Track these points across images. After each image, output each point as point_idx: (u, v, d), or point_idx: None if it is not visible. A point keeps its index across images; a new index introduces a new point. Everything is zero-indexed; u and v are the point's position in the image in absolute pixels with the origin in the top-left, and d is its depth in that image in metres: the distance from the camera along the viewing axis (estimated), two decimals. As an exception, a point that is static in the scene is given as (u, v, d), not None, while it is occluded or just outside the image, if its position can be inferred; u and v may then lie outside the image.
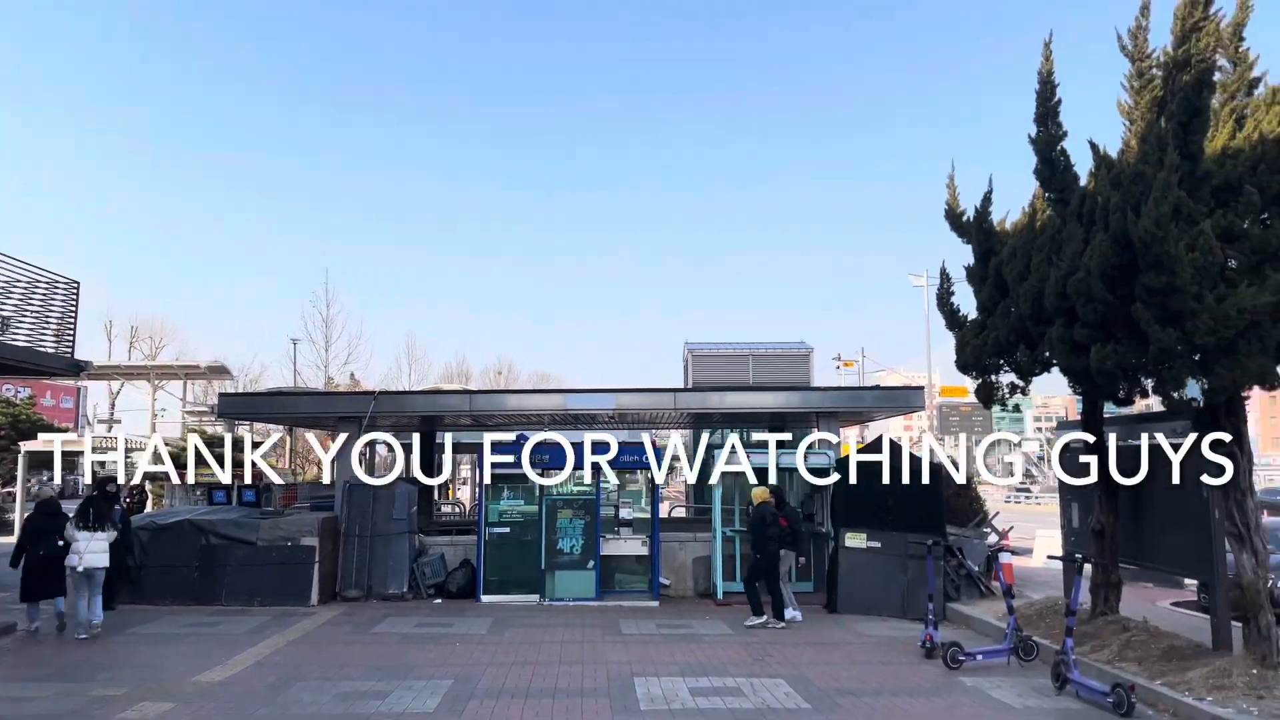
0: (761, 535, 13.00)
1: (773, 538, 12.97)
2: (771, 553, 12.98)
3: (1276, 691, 8.06)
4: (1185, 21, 9.08)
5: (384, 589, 14.96)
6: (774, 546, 12.99)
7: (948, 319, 12.61)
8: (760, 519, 13.07)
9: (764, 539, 12.98)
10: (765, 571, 12.99)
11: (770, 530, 12.98)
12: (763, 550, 12.99)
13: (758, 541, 13.06)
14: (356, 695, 8.88)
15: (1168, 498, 10.30)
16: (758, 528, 13.06)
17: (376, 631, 12.35)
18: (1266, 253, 8.45)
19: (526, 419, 18.25)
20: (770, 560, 12.99)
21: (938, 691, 9.14)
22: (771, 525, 13.01)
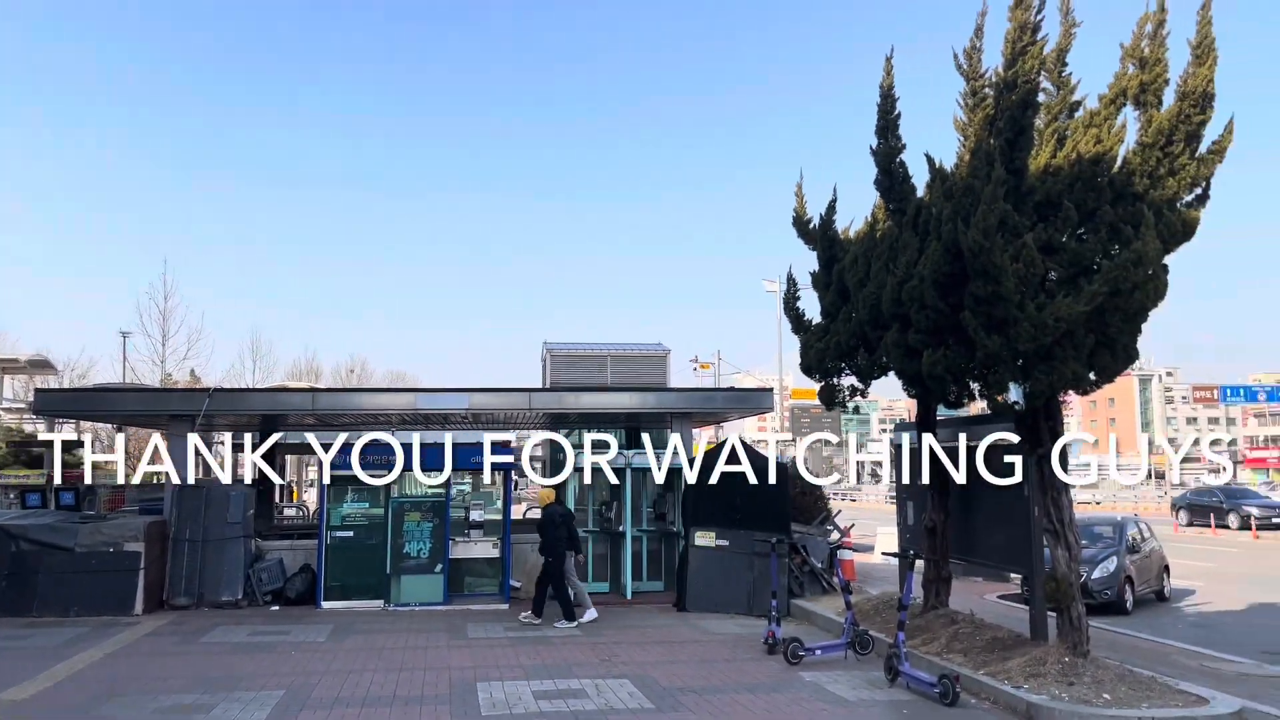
0: (552, 537, 12.91)
1: (561, 539, 12.91)
2: (561, 553, 12.92)
3: (1085, 678, 8.58)
4: (1015, 45, 9.56)
5: (216, 596, 14.20)
6: (563, 548, 12.93)
7: (794, 323, 12.95)
8: (550, 520, 13.00)
9: (554, 540, 12.90)
10: (554, 573, 12.91)
11: (560, 531, 12.92)
12: (553, 552, 12.90)
13: (548, 544, 12.94)
14: (178, 709, 8.37)
15: (993, 497, 10.85)
16: (548, 530, 12.96)
17: (206, 641, 11.71)
18: (1081, 265, 9.00)
19: (374, 419, 17.67)
20: (560, 562, 12.94)
21: (777, 687, 9.33)
22: (560, 526, 12.97)
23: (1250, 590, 18.52)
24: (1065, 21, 9.93)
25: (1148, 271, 8.53)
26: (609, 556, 16.03)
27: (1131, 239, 8.55)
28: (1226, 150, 9.11)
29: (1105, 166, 9.23)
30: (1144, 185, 9.06)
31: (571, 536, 13.28)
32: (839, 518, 19.15)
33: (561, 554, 12.96)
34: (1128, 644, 12.03)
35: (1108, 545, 16.08)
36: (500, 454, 14.73)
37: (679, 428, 16.71)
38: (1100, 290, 8.40)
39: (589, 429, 23.59)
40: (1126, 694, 8.21)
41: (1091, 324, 8.71)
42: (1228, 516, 36.26)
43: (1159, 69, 9.28)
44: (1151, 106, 9.30)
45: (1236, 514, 36.18)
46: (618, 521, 15.52)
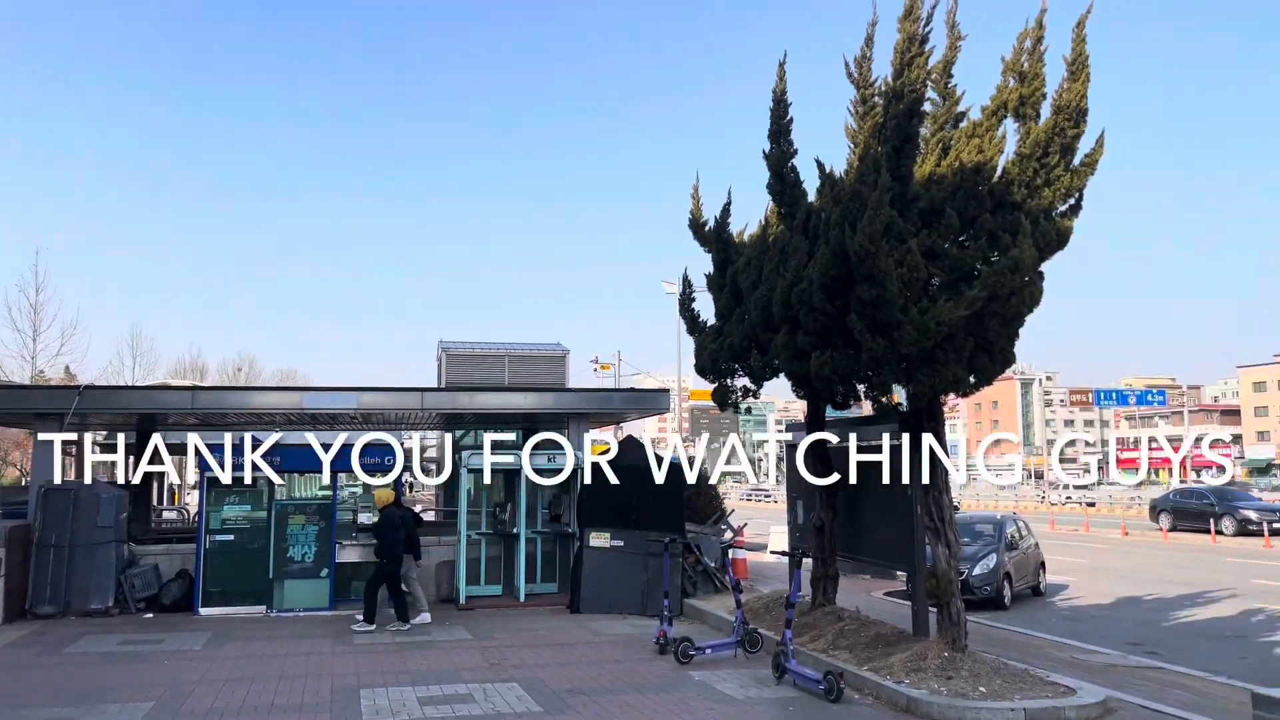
0: (390, 539, 12.65)
1: (399, 541, 12.68)
2: (398, 556, 12.69)
3: (963, 672, 8.84)
4: (903, 55, 9.80)
5: (85, 604, 13.49)
6: (400, 550, 12.71)
7: (689, 324, 13.01)
8: (389, 523, 12.73)
9: (392, 543, 12.65)
10: (390, 576, 12.66)
11: (398, 534, 12.68)
12: (389, 554, 12.64)
13: (384, 546, 12.67)
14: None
15: (878, 496, 11.12)
16: (385, 532, 12.69)
17: (71, 651, 11.10)
18: (962, 271, 9.27)
19: (258, 418, 17.07)
20: (397, 565, 12.71)
21: (667, 687, 9.34)
22: (400, 529, 12.73)
23: (1118, 584, 19.46)
24: (951, 35, 10.23)
25: (1024, 278, 8.85)
26: (502, 559, 15.82)
27: (1009, 246, 8.84)
28: (1098, 163, 9.52)
29: (986, 176, 9.54)
30: (1022, 195, 9.39)
31: (411, 540, 13.00)
32: (732, 517, 19.35)
33: (399, 557, 12.68)
34: (1004, 638, 12.47)
35: (987, 543, 16.64)
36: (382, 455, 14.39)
37: (577, 428, 16.64)
38: (980, 295, 8.68)
39: (486, 429, 23.33)
40: (1001, 686, 8.48)
41: (971, 328, 8.99)
42: (1221, 521, 32.47)
43: (1037, 83, 9.64)
44: (1030, 119, 9.66)
45: (1232, 518, 32.43)
46: (511, 523, 15.34)
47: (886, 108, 9.94)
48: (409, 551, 13.06)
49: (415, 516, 13.90)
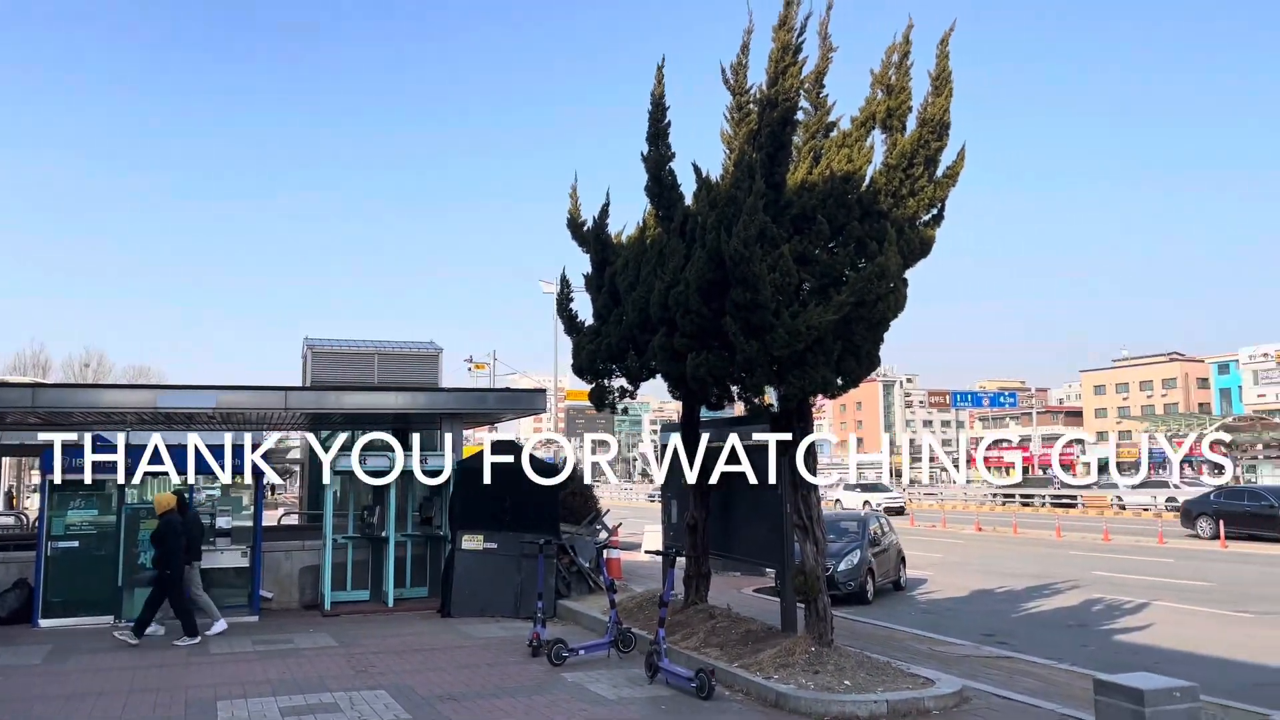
0: (171, 548, 11.79)
1: (180, 549, 11.86)
2: (179, 565, 11.88)
3: (829, 666, 9.09)
4: (778, 64, 10.00)
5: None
6: (180, 559, 11.88)
7: (566, 324, 12.97)
8: (170, 529, 11.83)
9: (173, 550, 11.79)
10: (172, 587, 11.83)
11: (180, 541, 11.87)
12: (170, 564, 11.79)
13: (165, 555, 11.79)
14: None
15: (749, 494, 11.32)
16: (167, 539, 11.80)
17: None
18: (832, 277, 9.54)
19: (108, 417, 16.09)
20: (180, 574, 11.93)
21: (540, 689, 9.27)
22: (181, 535, 11.90)
23: (972, 578, 20.43)
24: (823, 46, 10.52)
25: (890, 285, 9.17)
26: (370, 563, 15.40)
27: (876, 254, 9.15)
28: (959, 174, 9.95)
29: (855, 185, 9.84)
30: (888, 204, 9.73)
31: (192, 546, 12.23)
32: (607, 517, 19.39)
33: (180, 565, 11.88)
34: (868, 632, 12.90)
35: (852, 539, 17.19)
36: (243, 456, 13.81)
37: (450, 429, 16.34)
38: (848, 301, 8.95)
39: (355, 430, 22.66)
40: (865, 679, 8.76)
41: (840, 332, 9.25)
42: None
43: (903, 96, 10.01)
44: (896, 131, 10.02)
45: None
46: (381, 526, 14.94)
47: (761, 115, 10.13)
48: (192, 559, 12.24)
49: (199, 522, 12.94)
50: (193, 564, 12.29)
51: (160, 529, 11.88)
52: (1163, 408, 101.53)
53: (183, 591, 11.96)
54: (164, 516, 11.94)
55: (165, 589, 11.81)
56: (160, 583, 11.86)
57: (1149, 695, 6.94)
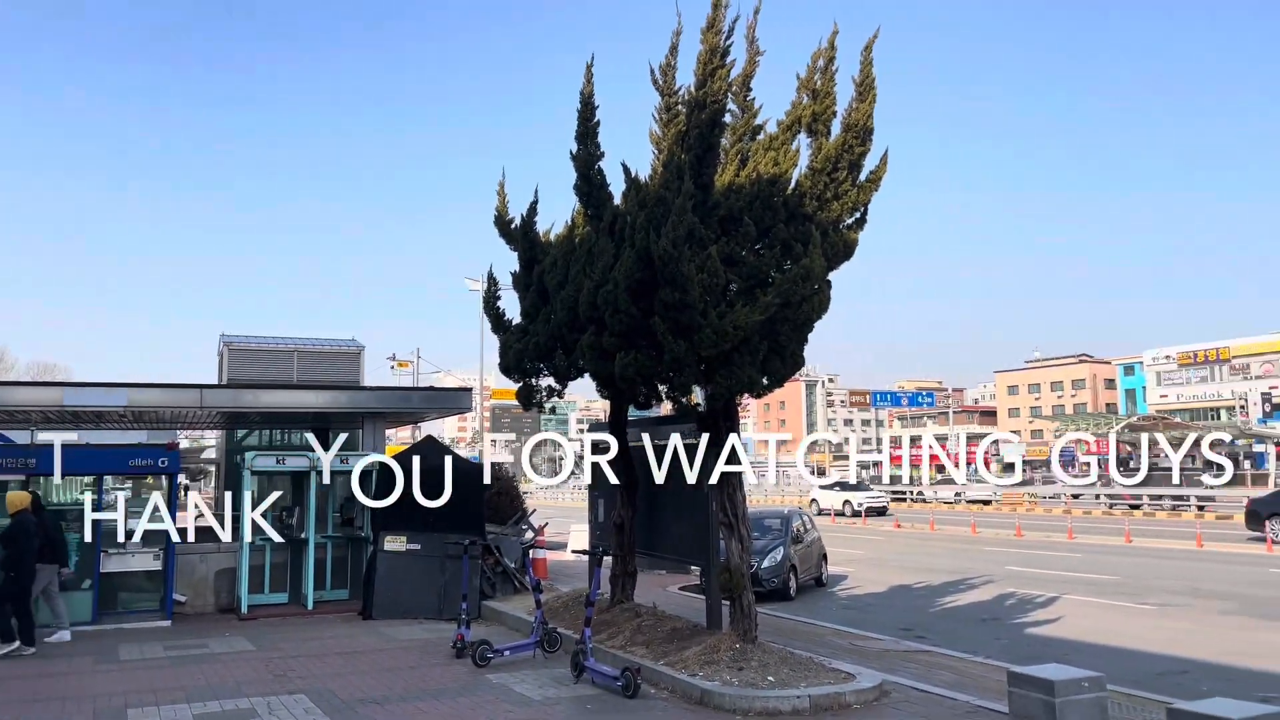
0: (23, 549, 11.17)
1: (33, 551, 11.29)
2: (31, 569, 11.31)
3: (753, 662, 9.19)
4: (706, 66, 10.08)
5: None
6: (32, 561, 11.31)
7: (494, 323, 12.86)
8: (22, 529, 11.20)
9: (24, 553, 11.18)
10: (21, 591, 11.21)
11: (33, 543, 11.29)
12: (19, 567, 11.13)
13: (14, 557, 11.14)
14: None
15: (676, 493, 11.37)
16: (20, 540, 11.17)
17: None
18: (759, 278, 9.66)
19: (10, 416, 15.44)
20: (30, 578, 11.35)
21: (463, 691, 9.19)
22: (34, 537, 11.32)
23: (891, 574, 20.88)
24: (751, 49, 10.65)
25: (814, 286, 9.32)
26: (289, 564, 15.05)
27: (801, 256, 9.29)
28: (882, 179, 10.18)
29: (781, 188, 9.98)
30: (813, 207, 9.90)
31: (54, 547, 11.70)
32: (533, 517, 19.30)
33: (31, 571, 11.30)
34: (791, 628, 13.10)
35: (775, 536, 17.42)
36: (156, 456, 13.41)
37: (373, 428, 16.08)
38: (774, 301, 9.06)
39: (273, 429, 22.14)
40: (788, 675, 8.89)
41: (765, 332, 9.37)
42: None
43: (828, 101, 10.19)
44: (821, 135, 10.20)
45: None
46: (300, 528, 14.63)
47: (690, 116, 10.19)
48: (54, 560, 11.71)
49: (57, 523, 12.27)
50: (46, 567, 11.57)
51: (10, 529, 11.20)
52: (1072, 407, 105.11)
53: (29, 596, 11.28)
54: (16, 516, 11.27)
55: (9, 591, 11.10)
56: (4, 585, 11.12)
57: (1059, 686, 7.19)
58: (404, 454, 15.41)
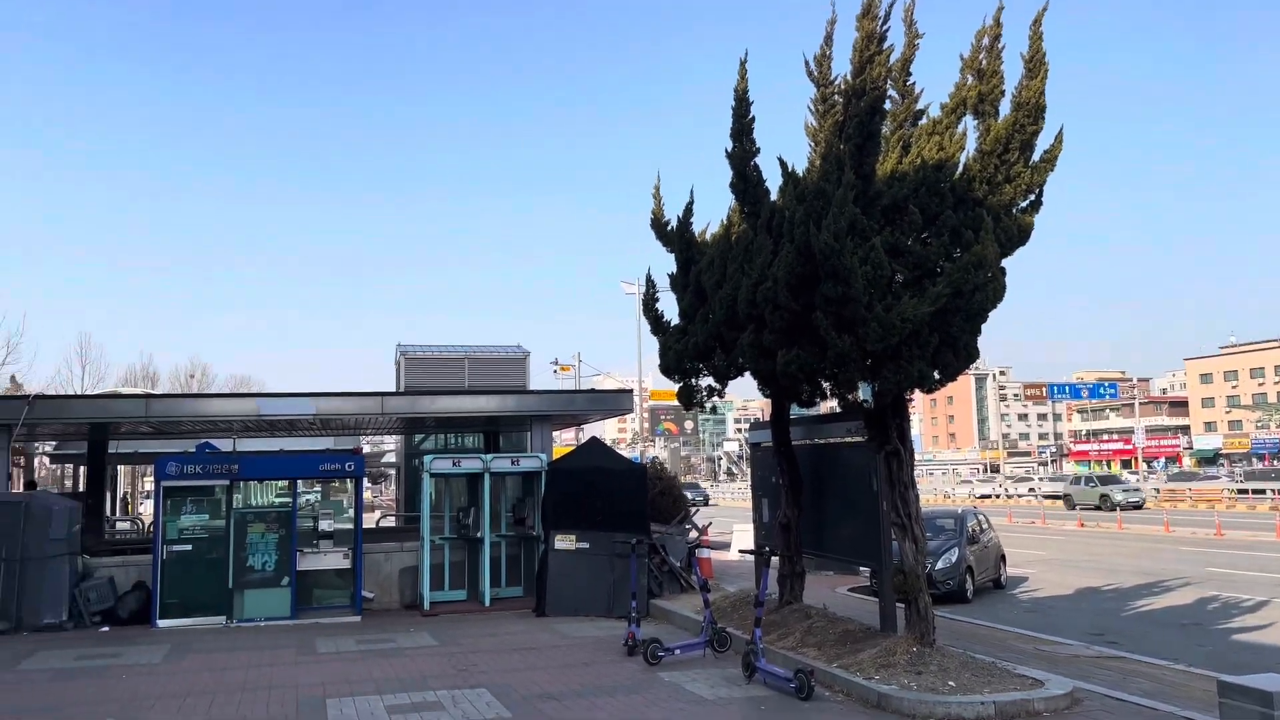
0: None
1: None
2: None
3: (932, 667, 8.89)
4: (862, 53, 9.84)
5: (37, 619, 13.11)
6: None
7: (652, 324, 12.97)
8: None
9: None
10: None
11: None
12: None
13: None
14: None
15: (844, 492, 11.18)
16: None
17: (23, 669, 10.75)
18: (926, 268, 9.33)
19: (214, 425, 16.74)
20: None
21: (637, 688, 9.28)
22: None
23: (1076, 576, 19.77)
24: (909, 33, 10.30)
25: (987, 274, 8.91)
26: (466, 563, 15.67)
27: (972, 243, 8.91)
28: (1057, 159, 9.63)
29: (947, 173, 9.61)
30: (983, 191, 9.48)
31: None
32: (697, 517, 19.35)
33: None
34: (969, 631, 12.59)
35: (950, 537, 16.82)
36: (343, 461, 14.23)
37: (538, 430, 16.53)
38: (944, 292, 8.73)
39: (446, 433, 23.13)
40: (970, 680, 8.54)
41: (935, 325, 9.03)
42: None
43: (995, 80, 9.74)
44: (989, 116, 9.75)
45: None
46: (476, 527, 15.19)
47: (847, 105, 9.97)
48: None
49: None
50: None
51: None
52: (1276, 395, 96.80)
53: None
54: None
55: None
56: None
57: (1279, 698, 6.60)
58: (570, 455, 15.79)
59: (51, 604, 13.25)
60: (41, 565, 13.24)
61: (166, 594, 13.49)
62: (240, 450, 16.28)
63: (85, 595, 13.58)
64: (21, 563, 13.16)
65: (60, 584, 13.34)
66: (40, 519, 13.35)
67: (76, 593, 13.51)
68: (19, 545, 13.17)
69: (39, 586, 13.20)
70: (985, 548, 17.79)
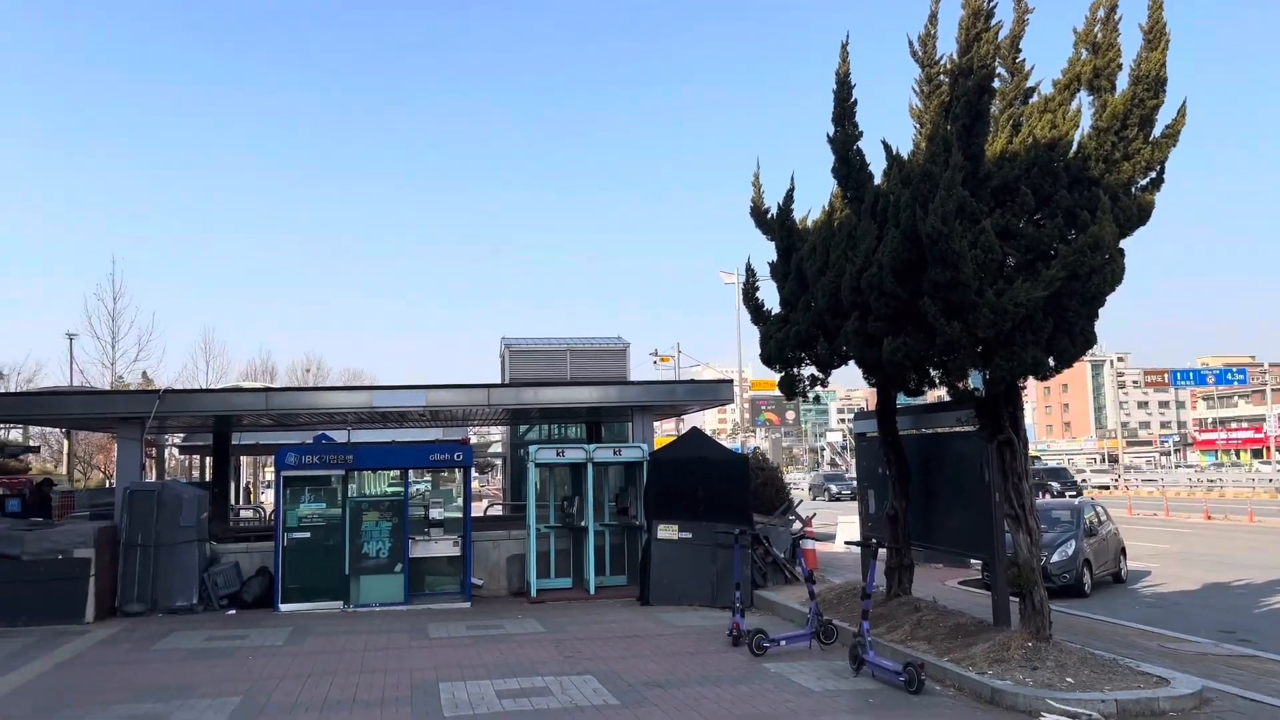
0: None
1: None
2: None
3: (1049, 662, 8.61)
4: (969, 31, 9.56)
5: (170, 602, 13.86)
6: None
7: (753, 313, 12.88)
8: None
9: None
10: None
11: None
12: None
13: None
14: (131, 719, 8.11)
15: (954, 483, 10.90)
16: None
17: (159, 648, 11.39)
18: (1039, 251, 9.01)
19: (330, 418, 17.36)
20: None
21: (743, 679, 9.26)
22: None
23: (1203, 570, 18.84)
24: (1018, 8, 9.95)
25: (1105, 256, 8.56)
26: (571, 552, 15.89)
27: (1088, 223, 8.57)
28: (1179, 134, 9.17)
29: (1061, 151, 9.26)
30: (1099, 169, 9.10)
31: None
32: (800, 508, 19.17)
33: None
34: (1087, 627, 12.15)
35: (1066, 529, 16.25)
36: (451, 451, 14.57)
37: (640, 420, 16.62)
38: (1059, 275, 8.42)
39: (550, 423, 23.48)
40: (1089, 677, 8.24)
41: (1050, 309, 8.72)
42: None
43: (1112, 54, 9.33)
44: (1105, 91, 9.35)
45: None
46: (580, 516, 15.39)
47: (954, 85, 9.70)
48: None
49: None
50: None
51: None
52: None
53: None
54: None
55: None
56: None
57: None
58: (671, 446, 15.84)
59: (183, 588, 13.98)
60: (173, 551, 13.98)
61: (288, 579, 14.08)
62: (354, 441, 16.86)
63: (213, 579, 14.28)
64: (155, 548, 13.92)
65: (191, 569, 14.06)
66: (171, 506, 14.10)
67: (205, 577, 14.22)
68: (153, 532, 13.94)
69: (171, 571, 13.95)
70: (1104, 540, 17.13)
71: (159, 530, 13.97)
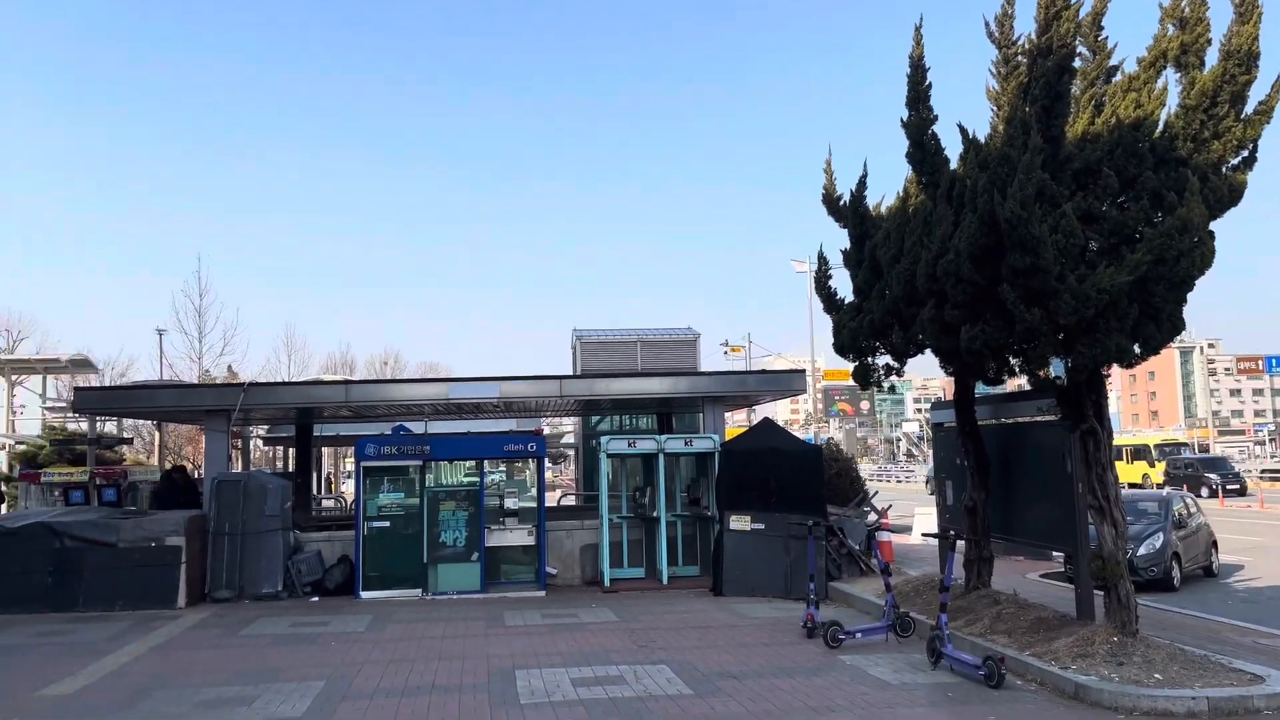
0: None
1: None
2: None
3: (1135, 658, 8.37)
4: (1048, 10, 9.30)
5: (257, 589, 14.31)
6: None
7: (825, 302, 12.73)
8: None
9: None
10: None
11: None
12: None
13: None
14: (221, 701, 8.40)
15: (1035, 474, 10.65)
16: None
17: (247, 633, 11.78)
18: (1123, 235, 8.73)
19: (407, 409, 17.70)
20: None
21: (818, 671, 9.20)
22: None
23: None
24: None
25: (1193, 239, 8.26)
26: (644, 542, 15.96)
27: (1175, 205, 8.28)
28: (1274, 110, 8.79)
29: (1146, 131, 8.96)
30: (1187, 149, 8.78)
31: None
32: (875, 499, 18.94)
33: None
34: (1176, 622, 11.76)
35: (1153, 521, 15.75)
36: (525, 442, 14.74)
37: (711, 411, 16.59)
38: (1144, 259, 8.15)
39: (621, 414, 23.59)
40: (1179, 673, 7.99)
41: (1135, 295, 8.45)
42: None
43: (1200, 29, 8.98)
44: (1193, 68, 9.00)
45: None
46: (652, 507, 15.44)
47: (1032, 66, 9.45)
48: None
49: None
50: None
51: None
52: None
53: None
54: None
55: None
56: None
57: None
58: (743, 436, 15.78)
59: (268, 575, 14.43)
60: (259, 539, 14.43)
61: (368, 567, 14.42)
62: (431, 432, 17.16)
63: (297, 567, 14.70)
64: (242, 537, 14.39)
65: (276, 556, 14.49)
66: (257, 496, 14.56)
67: (289, 565, 14.64)
68: (239, 520, 14.41)
69: (257, 559, 14.40)
70: (1193, 533, 16.56)
71: (245, 519, 14.43)
